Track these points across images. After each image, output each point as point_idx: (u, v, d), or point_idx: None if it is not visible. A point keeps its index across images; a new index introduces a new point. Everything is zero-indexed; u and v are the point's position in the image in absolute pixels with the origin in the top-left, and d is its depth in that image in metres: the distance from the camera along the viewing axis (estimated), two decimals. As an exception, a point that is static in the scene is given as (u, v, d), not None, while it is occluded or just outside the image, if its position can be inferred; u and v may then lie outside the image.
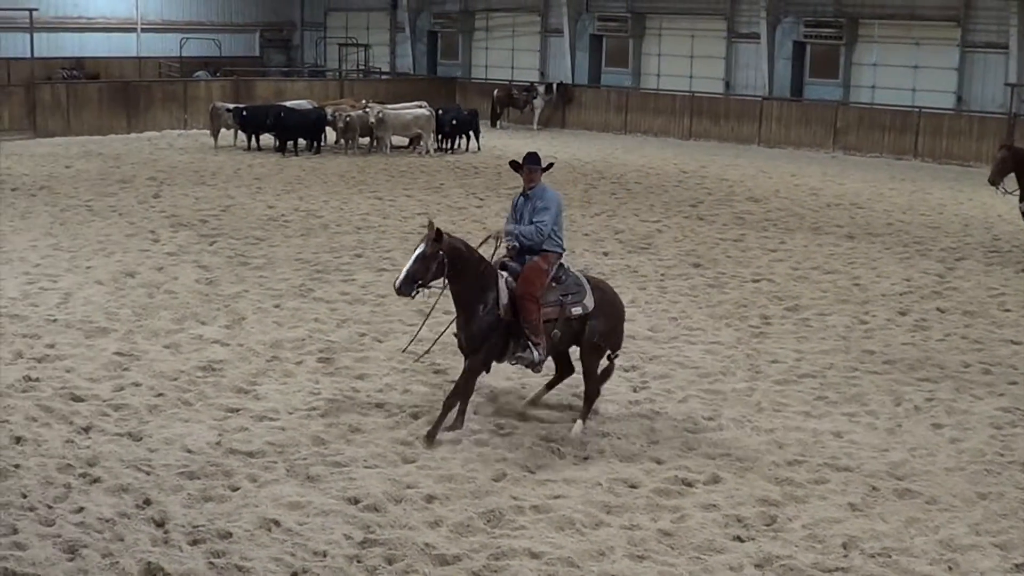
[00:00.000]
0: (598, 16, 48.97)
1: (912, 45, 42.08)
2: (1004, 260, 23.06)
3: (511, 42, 52.27)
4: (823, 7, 43.62)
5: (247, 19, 57.42)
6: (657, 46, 48.09)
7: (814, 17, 43.56)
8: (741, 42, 45.85)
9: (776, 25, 44.42)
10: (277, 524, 9.81)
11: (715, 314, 17.96)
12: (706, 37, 46.64)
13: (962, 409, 13.79)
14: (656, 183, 32.41)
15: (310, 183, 29.92)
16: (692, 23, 46.85)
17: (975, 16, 40.75)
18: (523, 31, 51.83)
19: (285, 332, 15.92)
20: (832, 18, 43.15)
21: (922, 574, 9.46)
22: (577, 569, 9.26)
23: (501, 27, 52.42)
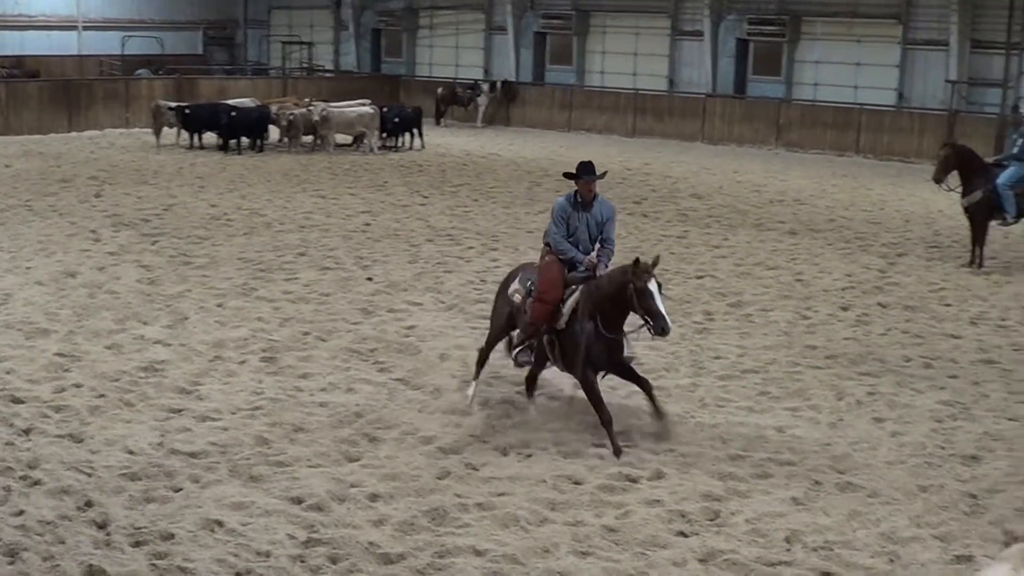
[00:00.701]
0: (542, 14, 49.01)
1: (854, 43, 42.37)
2: (944, 255, 23.26)
3: (455, 40, 52.21)
4: (766, 5, 43.86)
5: (190, 17, 56.99)
6: (601, 44, 48.18)
7: (757, 15, 43.80)
8: (685, 39, 46.01)
9: (719, 23, 44.62)
10: (220, 525, 9.76)
11: (659, 310, 17.98)
12: (650, 35, 46.76)
13: (903, 403, 13.90)
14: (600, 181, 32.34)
15: (253, 181, 29.78)
16: (636, 21, 46.96)
17: (916, 14, 41.09)
18: (467, 29, 51.78)
19: (228, 332, 15.84)
20: (775, 16, 43.41)
21: (864, 567, 9.52)
22: (522, 566, 9.26)
23: (445, 25, 52.35)
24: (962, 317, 18.32)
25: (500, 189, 30.12)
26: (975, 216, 22.09)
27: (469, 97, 47.66)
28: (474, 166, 34.88)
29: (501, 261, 21.02)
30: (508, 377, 14.22)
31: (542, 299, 12.28)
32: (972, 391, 14.51)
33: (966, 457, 12.16)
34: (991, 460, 12.07)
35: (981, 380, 15.01)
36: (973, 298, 19.60)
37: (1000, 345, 16.77)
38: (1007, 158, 22.30)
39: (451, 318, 17.02)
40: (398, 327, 16.41)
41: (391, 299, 18.02)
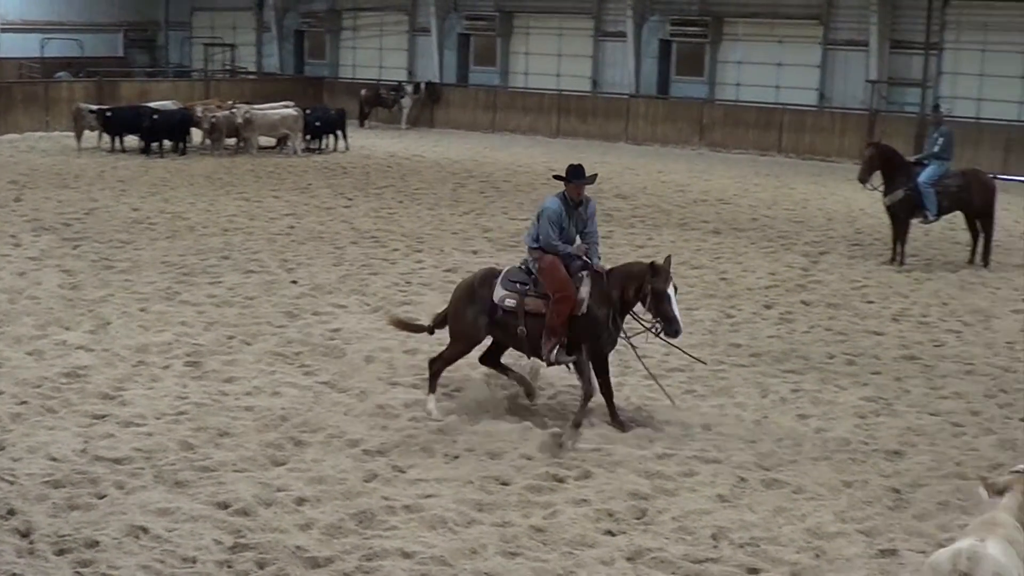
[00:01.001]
0: (466, 15, 49.02)
1: (775, 43, 42.74)
2: (866, 253, 23.50)
3: (379, 41, 52.09)
4: (688, 6, 44.14)
5: (110, 19, 56.43)
6: (525, 44, 48.25)
7: (680, 16, 44.07)
8: (608, 40, 46.18)
9: (642, 24, 44.83)
10: (145, 531, 9.65)
11: (585, 310, 18.04)
12: (573, 35, 46.90)
13: (827, 399, 14.02)
14: (524, 181, 32.51)
15: (176, 185, 29.54)
16: (560, 21, 47.09)
17: (837, 15, 41.52)
18: (391, 30, 51.68)
19: (151, 336, 15.69)
20: (697, 17, 43.70)
21: (790, 562, 9.59)
22: (450, 568, 9.25)
23: (368, 26, 52.21)
24: (884, 314, 18.51)
25: (425, 191, 30.09)
26: (897, 214, 22.34)
27: (393, 99, 47.58)
28: (398, 168, 34.81)
29: (426, 263, 21.00)
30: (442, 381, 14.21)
31: (563, 298, 12.64)
32: (894, 387, 14.67)
33: (889, 452, 12.29)
34: (914, 455, 12.20)
35: (903, 376, 15.18)
36: (895, 295, 19.81)
37: (921, 341, 16.97)
38: (927, 157, 22.58)
39: (376, 320, 16.96)
40: (323, 330, 16.35)
41: (316, 302, 17.95)
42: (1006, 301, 19.70)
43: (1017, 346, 16.87)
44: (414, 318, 15.47)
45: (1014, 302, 19.64)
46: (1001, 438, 12.79)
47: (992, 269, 22.14)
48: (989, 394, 14.52)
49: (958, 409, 13.85)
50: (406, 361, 14.96)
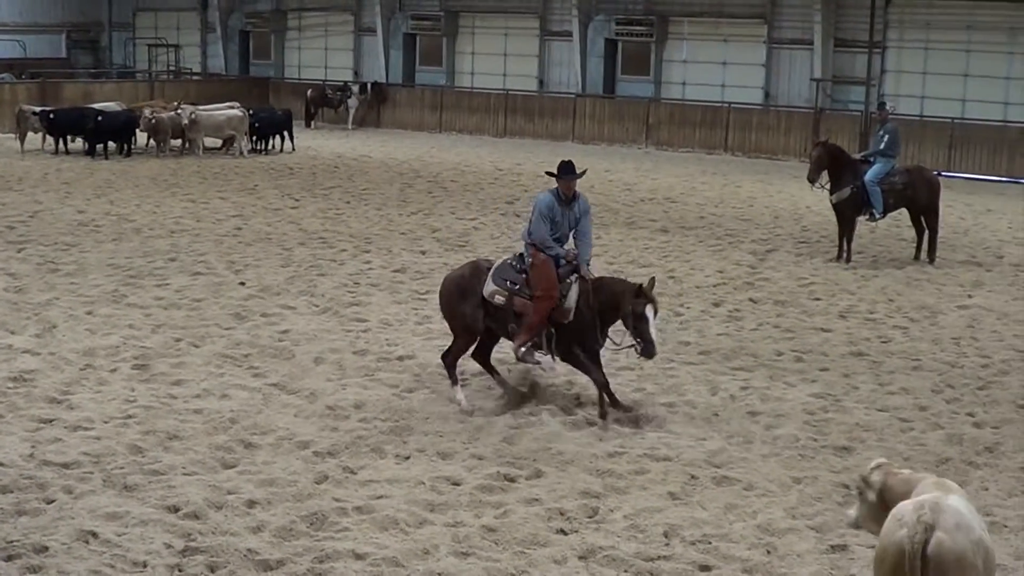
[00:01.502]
0: (411, 15, 48.98)
1: (721, 42, 42.96)
2: (813, 250, 23.64)
3: (324, 41, 51.94)
4: (634, 5, 44.30)
5: (52, 19, 55.94)
6: (471, 44, 48.26)
7: (625, 15, 44.24)
8: (554, 40, 46.28)
9: (588, 23, 44.93)
10: (95, 536, 9.57)
11: (534, 310, 18.05)
12: (519, 35, 46.95)
13: (776, 396, 14.09)
14: (472, 181, 32.52)
15: (121, 187, 29.33)
16: (505, 21, 47.14)
17: (781, 14, 41.79)
18: (336, 30, 51.54)
19: (98, 339, 15.57)
20: (642, 16, 43.88)
21: (741, 559, 9.63)
22: (402, 568, 9.23)
23: (314, 27, 52.05)
24: (831, 311, 18.63)
25: (372, 191, 30.03)
26: (844, 212, 22.48)
27: (339, 99, 47.47)
28: (345, 168, 34.72)
29: (375, 263, 20.95)
30: (385, 380, 14.19)
31: (546, 297, 12.99)
32: (843, 383, 14.77)
33: (838, 448, 12.36)
34: (863, 451, 12.27)
35: (851, 372, 15.28)
36: (842, 292, 19.94)
37: (869, 338, 17.09)
38: (873, 154, 22.75)
39: (325, 321, 16.92)
40: (272, 331, 16.28)
41: (264, 303, 17.87)
42: (952, 297, 19.87)
43: (963, 342, 17.01)
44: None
45: (960, 298, 19.81)
46: (949, 433, 12.89)
47: (937, 265, 22.32)
48: (936, 389, 14.64)
49: (906, 405, 13.95)
50: (355, 362, 14.94)
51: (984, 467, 11.96)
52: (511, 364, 14.14)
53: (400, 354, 15.36)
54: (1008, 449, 12.46)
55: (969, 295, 20.07)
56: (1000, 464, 12.05)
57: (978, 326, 17.95)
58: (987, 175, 37.00)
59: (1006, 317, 18.58)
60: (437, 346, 15.68)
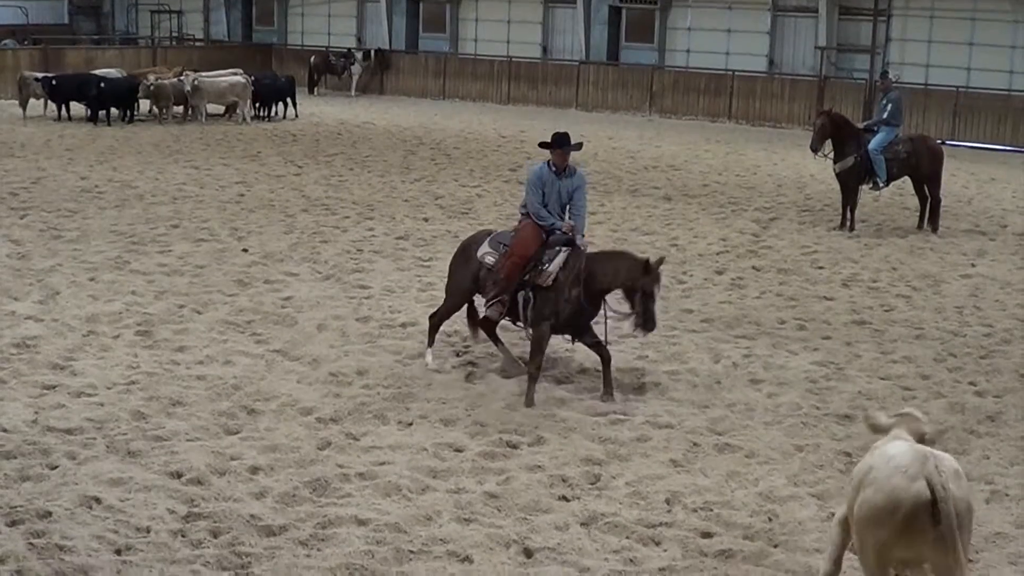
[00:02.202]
0: (415, -19, 48.80)
1: (725, 9, 42.80)
2: (816, 219, 23.62)
3: (327, 8, 51.73)
4: (638, -28, 44.10)
5: (55, -14, 55.78)
6: (474, 11, 48.07)
7: (629, -19, 44.04)
8: (557, 7, 46.11)
9: (592, -11, 44.77)
10: (98, 501, 9.60)
11: (537, 277, 18.06)
12: (523, 2, 46.82)
13: (778, 364, 14.10)
14: (475, 148, 32.47)
15: (124, 153, 29.30)
16: (509, -12, 46.98)
17: (785, -20, 41.62)
18: (339, -4, 51.40)
19: (101, 306, 15.58)
20: (646, -18, 43.68)
21: (743, 526, 9.65)
22: (404, 534, 9.25)
23: (317, -7, 51.91)
24: (834, 279, 18.63)
25: (375, 158, 29.99)
26: (847, 181, 22.45)
27: (343, 66, 47.34)
28: (348, 135, 34.67)
29: (377, 230, 20.94)
30: (387, 347, 14.21)
31: (514, 255, 12.91)
32: (845, 352, 14.77)
33: (840, 416, 12.37)
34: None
35: (854, 341, 15.28)
36: (845, 260, 19.93)
37: (871, 306, 17.09)
38: (877, 123, 22.70)
39: (328, 288, 16.93)
40: (275, 298, 16.28)
41: (267, 270, 17.87)
42: (955, 266, 19.86)
43: (965, 310, 17.01)
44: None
45: (962, 267, 19.80)
46: (951, 401, 12.91)
47: (940, 234, 22.30)
48: (939, 358, 14.64)
49: (908, 373, 13.97)
50: (358, 329, 14.95)
51: (986, 436, 11.97)
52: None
53: (403, 321, 15.37)
54: (1010, 418, 12.48)
55: (972, 264, 20.06)
56: (1002, 433, 12.06)
57: (981, 295, 17.95)
58: (991, 144, 36.92)
59: (1009, 286, 18.57)
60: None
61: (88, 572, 8.46)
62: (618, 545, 9.26)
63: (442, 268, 18.06)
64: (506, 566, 8.87)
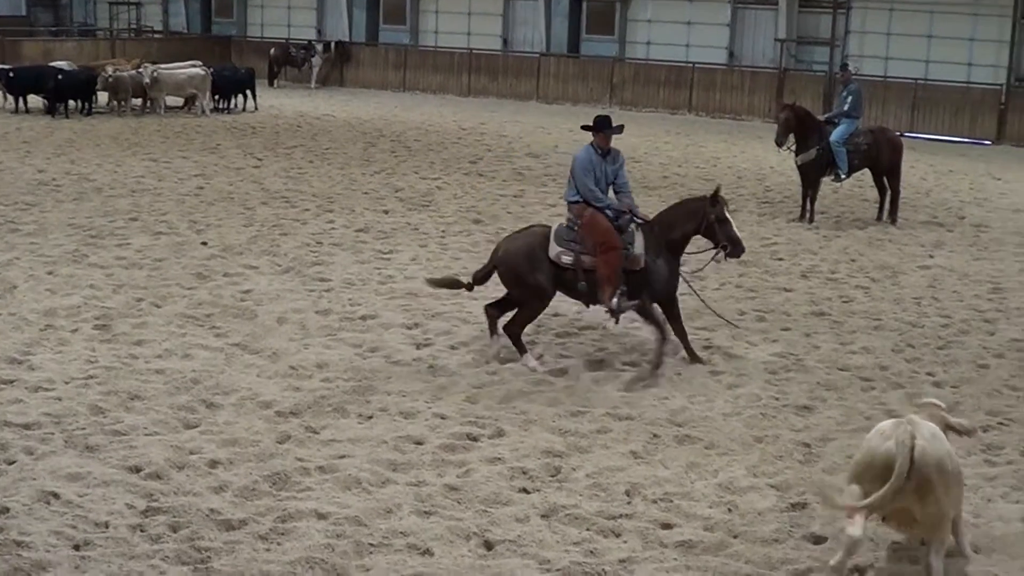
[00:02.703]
0: (375, -26, 48.69)
1: (685, 2, 42.97)
2: (776, 211, 23.70)
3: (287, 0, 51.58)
4: (598, -36, 44.13)
5: (12, -23, 55.41)
6: (435, 3, 48.09)
7: (589, -26, 44.07)
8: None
9: (552, -18, 44.78)
10: (56, 496, 9.53)
11: (497, 270, 18.05)
12: (483, -6, 46.78)
13: (738, 355, 14.14)
14: (435, 140, 32.44)
15: (82, 146, 29.13)
16: (469, -20, 46.94)
17: (745, -27, 41.74)
18: (299, -11, 51.24)
19: (59, 299, 15.48)
20: (607, -25, 43.72)
21: (703, 517, 9.67)
22: (365, 528, 9.23)
23: (276, -15, 51.73)
24: (794, 271, 18.70)
25: (335, 150, 29.91)
26: (808, 173, 22.53)
27: (303, 58, 47.22)
28: (308, 127, 34.57)
29: (337, 223, 20.89)
30: (347, 340, 14.17)
31: (609, 246, 13.28)
32: (804, 343, 14.83)
33: (799, 407, 12.42)
34: (823, 410, 12.35)
35: (812, 332, 15.35)
36: (804, 252, 20.01)
37: (830, 297, 17.16)
38: (838, 115, 22.81)
39: (288, 281, 16.87)
40: (234, 291, 16.22)
41: (226, 263, 17.80)
42: (913, 257, 19.97)
43: (924, 301, 17.11)
44: (455, 275, 15.22)
45: (921, 258, 19.92)
46: (909, 392, 12.97)
47: (899, 226, 22.43)
48: (897, 349, 14.72)
49: (867, 364, 14.03)
50: (318, 322, 14.91)
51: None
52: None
53: (363, 314, 15.34)
54: (967, 408, 12.54)
55: (930, 255, 20.18)
56: (959, 423, 12.12)
57: (939, 286, 18.06)
58: (950, 136, 37.17)
59: (967, 277, 18.69)
60: (399, 305, 15.73)
61: (46, 568, 8.40)
62: (578, 537, 9.26)
63: (402, 261, 18.13)
64: (466, 559, 8.87)
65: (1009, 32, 37.65)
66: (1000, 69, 37.76)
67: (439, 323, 15.04)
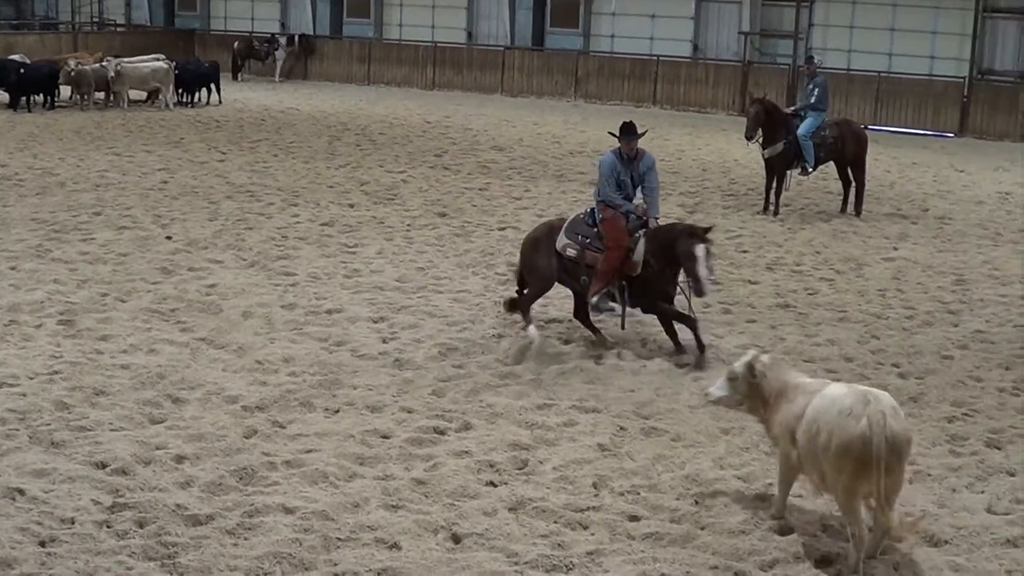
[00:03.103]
0: (339, -34, 48.53)
1: (650, -6, 42.94)
2: (740, 203, 23.77)
3: (250, -7, 51.43)
4: (562, -43, 44.13)
5: (-29, -30, 55.00)
6: (399, -4, 47.94)
7: (554, -33, 44.06)
8: (482, -8, 46.06)
9: (516, -25, 44.76)
10: (21, 493, 9.48)
11: (462, 263, 18.08)
12: (447, -13, 46.69)
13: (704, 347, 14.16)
14: (400, 134, 32.39)
15: (45, 140, 28.96)
16: (433, -27, 46.85)
17: (708, -34, 41.81)
18: (262, -18, 51.03)
19: (23, 295, 15.39)
20: (571, -32, 43.71)
21: (670, 508, 9.70)
22: (332, 522, 9.22)
23: (240, -23, 51.50)
24: (759, 263, 18.76)
25: (300, 144, 29.83)
26: (775, 166, 22.60)
27: (266, 51, 47.04)
28: (273, 121, 34.47)
29: (302, 216, 20.84)
30: (313, 334, 14.15)
31: (615, 247, 13.67)
32: (770, 335, 14.89)
33: (765, 399, 12.45)
34: (789, 401, 12.38)
35: (778, 324, 15.41)
36: (769, 244, 20.08)
37: (795, 289, 17.23)
38: (804, 108, 22.90)
39: (253, 275, 16.83)
40: (199, 286, 16.16)
41: (191, 257, 17.74)
42: (877, 249, 20.06)
43: (888, 293, 17.19)
44: (509, 294, 15.27)
45: (885, 250, 20.01)
46: (874, 383, 12.95)
47: (863, 218, 22.53)
48: (862, 340, 14.80)
49: (832, 355, 14.10)
50: (284, 316, 14.87)
51: (908, 417, 12.03)
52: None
53: (328, 307, 15.32)
54: (932, 399, 12.63)
55: (894, 247, 20.28)
56: (924, 414, 12.20)
57: (903, 278, 18.15)
58: (913, 128, 37.34)
59: (930, 269, 18.79)
60: (365, 299, 15.71)
61: (12, 564, 8.35)
62: (546, 530, 9.28)
63: (367, 255, 18.11)
64: (434, 552, 8.87)
65: (971, 25, 37.83)
66: (963, 62, 37.94)
67: (405, 317, 15.03)
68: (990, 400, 12.70)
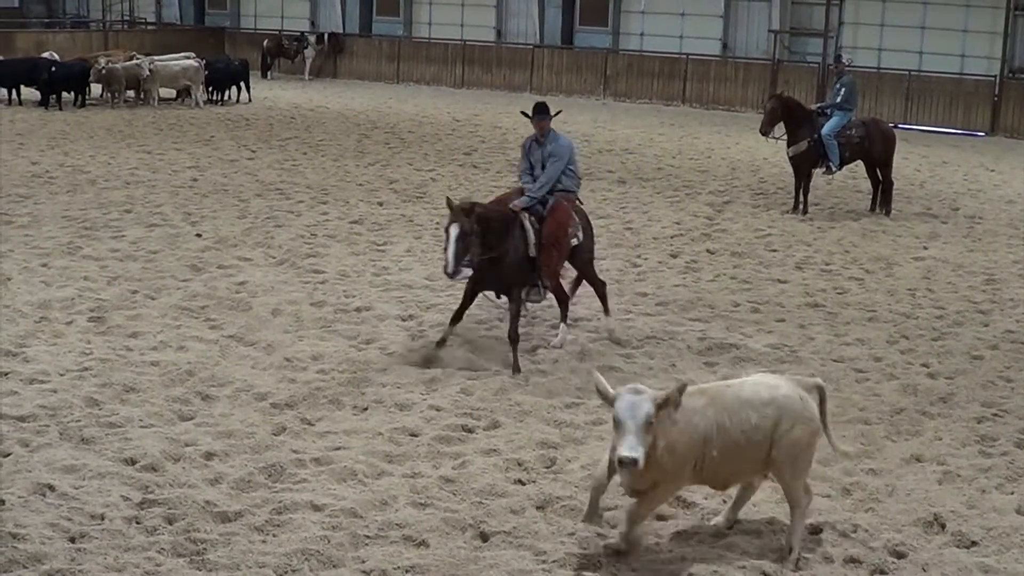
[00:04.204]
0: (368, -35, 48.61)
1: (678, -7, 42.88)
2: (769, 202, 23.71)
3: (280, -9, 51.56)
4: (592, -45, 44.10)
5: (4, -31, 55.26)
6: (428, -6, 48.00)
7: (583, -35, 44.03)
8: (512, -11, 46.07)
9: (546, -27, 44.75)
10: (52, 489, 9.52)
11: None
12: (477, -15, 46.72)
13: (733, 346, 14.14)
14: (429, 132, 32.42)
15: (76, 138, 29.09)
16: (463, -29, 46.89)
17: (738, -36, 41.73)
18: (293, -20, 51.16)
19: (53, 292, 15.45)
20: (601, -34, 43.69)
21: (700, 506, 9.69)
22: (360, 519, 9.24)
23: (270, -24, 51.64)
24: (788, 262, 18.71)
25: (329, 142, 29.90)
26: (800, 165, 22.56)
27: (296, 49, 47.15)
28: (302, 119, 34.54)
29: (331, 214, 20.88)
30: (342, 331, 14.17)
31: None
32: (799, 334, 14.85)
33: (794, 399, 12.41)
34: (818, 401, 12.35)
35: (807, 323, 15.36)
36: (798, 243, 20.03)
37: (824, 289, 17.18)
38: (830, 106, 22.83)
39: (282, 273, 16.87)
40: (229, 283, 16.21)
41: (221, 255, 17.79)
42: (907, 248, 19.99)
43: (918, 293, 17.13)
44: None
45: (915, 249, 19.94)
46: (903, 383, 12.99)
47: (893, 217, 22.46)
48: (891, 340, 14.74)
49: (861, 355, 14.05)
50: (313, 314, 14.90)
51: (938, 417, 12.06)
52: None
53: (357, 305, 15.34)
54: (962, 399, 12.57)
55: (924, 247, 20.21)
56: (954, 414, 12.15)
57: (933, 277, 18.08)
58: (943, 127, 37.19)
59: (960, 269, 18.71)
60: (394, 297, 15.74)
61: (42, 560, 8.39)
62: (573, 528, 9.27)
63: (396, 253, 18.17)
64: (462, 550, 8.87)
65: (1002, 23, 37.67)
66: (994, 61, 37.79)
67: (434, 315, 15.04)
68: (1020, 400, 12.64)
